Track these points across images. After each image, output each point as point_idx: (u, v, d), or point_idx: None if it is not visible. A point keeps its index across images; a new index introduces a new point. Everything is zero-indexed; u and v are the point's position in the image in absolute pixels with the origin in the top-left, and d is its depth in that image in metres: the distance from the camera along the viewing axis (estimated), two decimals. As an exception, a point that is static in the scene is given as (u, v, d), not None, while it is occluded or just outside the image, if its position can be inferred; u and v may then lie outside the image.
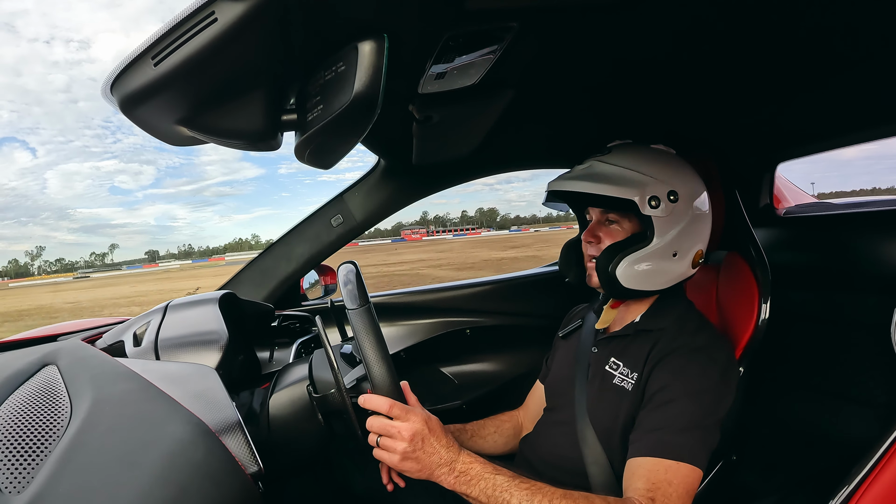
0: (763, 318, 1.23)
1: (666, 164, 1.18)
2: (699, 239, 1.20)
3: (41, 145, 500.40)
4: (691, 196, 1.17)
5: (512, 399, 1.65)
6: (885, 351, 1.13)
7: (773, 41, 1.00)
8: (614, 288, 1.16)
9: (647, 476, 0.98)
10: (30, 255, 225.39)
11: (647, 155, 1.20)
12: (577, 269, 1.32)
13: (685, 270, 1.19)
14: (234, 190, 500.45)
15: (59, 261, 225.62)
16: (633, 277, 1.14)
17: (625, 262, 1.14)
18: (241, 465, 0.79)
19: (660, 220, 1.13)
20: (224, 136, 0.76)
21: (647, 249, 1.14)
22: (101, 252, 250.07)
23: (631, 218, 1.20)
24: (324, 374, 1.15)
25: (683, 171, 1.19)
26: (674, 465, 0.98)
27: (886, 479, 0.82)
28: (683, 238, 1.16)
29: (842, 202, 1.84)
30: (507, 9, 0.77)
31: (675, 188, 1.14)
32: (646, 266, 1.14)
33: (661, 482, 0.96)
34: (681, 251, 1.16)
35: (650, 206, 1.11)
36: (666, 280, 1.18)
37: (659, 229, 1.13)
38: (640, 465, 1.00)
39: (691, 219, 1.17)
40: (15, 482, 0.62)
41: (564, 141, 1.76)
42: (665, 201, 1.13)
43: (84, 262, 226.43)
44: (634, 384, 1.13)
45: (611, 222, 1.23)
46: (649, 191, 1.12)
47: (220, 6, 0.54)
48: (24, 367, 0.93)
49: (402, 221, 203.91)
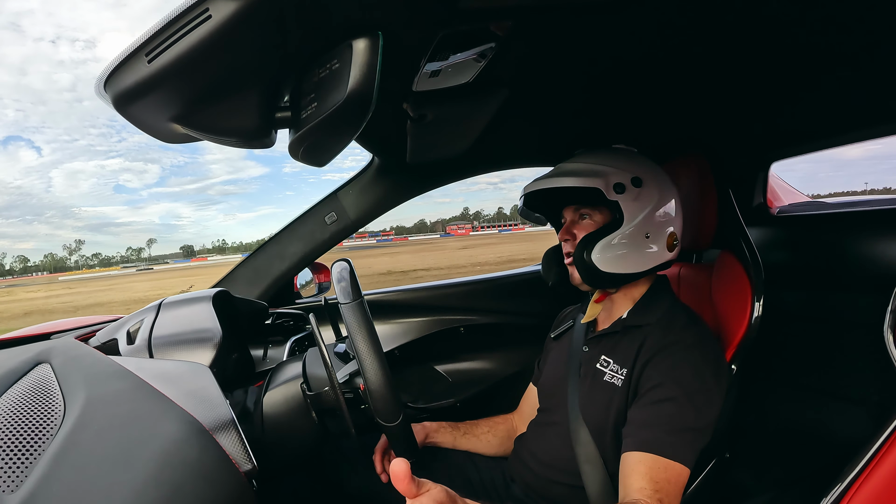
0: (756, 317, 1.23)
1: (627, 157, 1.23)
2: (670, 222, 1.22)
3: (46, 144, 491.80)
4: (656, 181, 1.21)
5: (506, 397, 1.66)
6: (878, 350, 1.13)
7: (765, 40, 1.00)
8: (593, 275, 1.18)
9: (649, 474, 0.98)
10: (68, 248, 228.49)
11: (608, 152, 1.26)
12: (558, 268, 1.34)
13: (662, 253, 1.21)
14: (238, 188, 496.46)
15: (96, 255, 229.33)
16: (609, 261, 1.16)
17: (598, 246, 1.16)
18: (235, 463, 0.79)
19: (627, 203, 1.16)
20: (218, 133, 0.75)
21: (619, 232, 1.17)
22: (137, 247, 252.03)
23: (601, 209, 1.23)
24: (318, 372, 1.15)
25: (644, 162, 1.24)
26: (670, 463, 0.98)
27: (879, 478, 0.82)
28: (653, 220, 1.19)
29: (835, 201, 1.85)
30: (501, 7, 0.77)
31: (638, 174, 1.18)
32: (620, 248, 1.17)
33: (663, 481, 0.97)
34: (653, 233, 1.19)
35: (615, 192, 1.15)
36: (644, 262, 1.19)
37: (628, 212, 1.16)
38: (639, 462, 1.01)
39: (658, 201, 1.20)
40: (8, 481, 0.61)
41: (558, 139, 1.76)
42: (629, 186, 1.17)
43: (120, 256, 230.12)
44: (624, 380, 1.14)
45: (583, 217, 1.26)
46: (613, 178, 1.16)
47: (215, 3, 0.54)
48: (17, 366, 0.93)
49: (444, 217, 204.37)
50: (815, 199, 1.94)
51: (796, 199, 1.95)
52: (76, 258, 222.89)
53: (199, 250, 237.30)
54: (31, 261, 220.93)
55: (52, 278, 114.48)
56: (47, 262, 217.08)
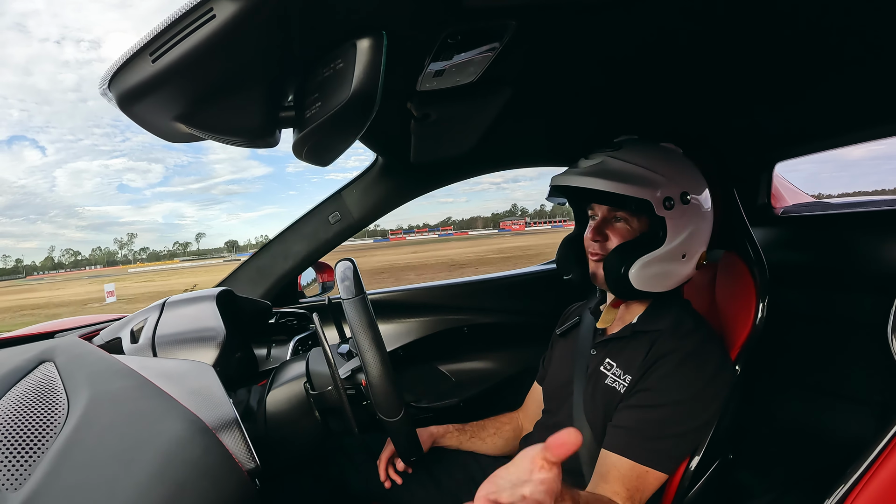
0: (760, 317, 1.23)
1: (677, 164, 1.17)
2: (704, 240, 1.19)
3: (50, 144, 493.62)
4: (701, 197, 1.16)
5: (509, 397, 1.65)
6: (882, 350, 1.13)
7: (770, 40, 0.99)
8: (623, 289, 1.14)
9: (623, 481, 1.02)
10: (118, 242, 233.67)
11: (658, 153, 1.18)
12: (579, 266, 1.28)
13: (690, 272, 1.18)
14: (241, 188, 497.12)
15: (144, 249, 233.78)
16: (644, 279, 1.12)
17: (638, 263, 1.11)
18: (238, 462, 0.79)
19: (673, 222, 1.11)
20: (222, 132, 0.75)
21: (660, 251, 1.12)
22: (183, 241, 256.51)
23: (641, 217, 1.17)
24: (321, 371, 1.15)
25: (692, 172, 1.18)
26: (645, 472, 1.02)
27: (882, 478, 0.82)
28: (693, 240, 1.15)
29: (840, 202, 1.84)
30: (504, 7, 0.77)
31: (687, 189, 1.13)
32: (657, 268, 1.12)
33: (636, 488, 1.01)
34: (689, 253, 1.15)
35: (665, 207, 1.10)
36: (673, 282, 1.17)
37: (672, 231, 1.11)
38: (615, 465, 1.04)
39: (700, 220, 1.16)
40: (12, 479, 0.62)
41: (562, 139, 1.76)
42: (678, 203, 1.11)
43: (168, 251, 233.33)
44: (627, 387, 1.13)
45: (618, 220, 1.19)
46: (664, 191, 1.09)
47: (219, 3, 0.54)
48: (21, 364, 0.93)
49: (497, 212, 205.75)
50: (820, 200, 1.93)
51: (800, 199, 1.94)
52: (125, 252, 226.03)
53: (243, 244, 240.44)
54: (81, 254, 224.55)
55: (121, 270, 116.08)
56: (98, 256, 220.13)
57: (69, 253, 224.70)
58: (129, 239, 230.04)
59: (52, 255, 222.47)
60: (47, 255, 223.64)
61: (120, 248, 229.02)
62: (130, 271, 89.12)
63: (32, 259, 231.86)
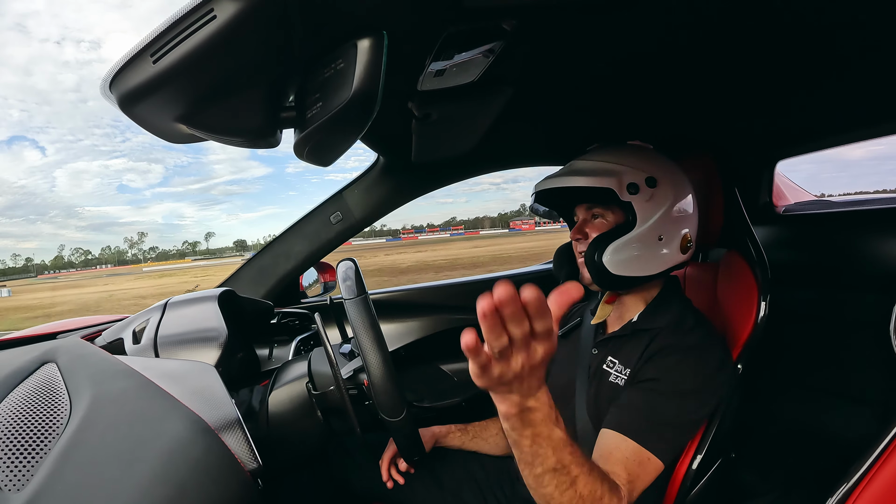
0: (762, 316, 1.23)
1: (642, 155, 1.21)
2: (685, 223, 1.20)
3: (50, 144, 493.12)
4: (671, 181, 1.19)
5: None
6: (884, 349, 1.13)
7: (771, 38, 0.99)
8: (604, 277, 1.16)
9: (626, 463, 0.99)
10: (129, 241, 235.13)
11: (623, 149, 1.23)
12: (569, 267, 1.31)
13: (675, 255, 1.19)
14: (241, 188, 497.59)
15: (153, 249, 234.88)
16: (620, 263, 1.15)
17: (610, 248, 1.14)
18: (241, 462, 0.79)
19: (640, 205, 1.14)
20: (223, 133, 0.75)
21: (631, 234, 1.15)
22: (192, 241, 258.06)
23: (614, 209, 1.21)
24: (323, 371, 1.15)
25: (660, 160, 1.21)
26: (646, 458, 1.00)
27: (884, 478, 0.82)
28: (667, 221, 1.17)
29: (842, 200, 1.84)
30: (505, 6, 0.77)
31: (653, 174, 1.16)
32: (632, 251, 1.15)
33: (637, 476, 0.99)
34: (666, 235, 1.17)
35: (629, 193, 1.14)
36: (656, 265, 1.18)
37: (641, 214, 1.15)
38: (619, 447, 1.02)
39: (673, 201, 1.18)
40: (14, 480, 0.62)
41: (563, 139, 1.75)
42: (643, 187, 1.15)
43: (177, 250, 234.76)
44: (627, 379, 1.14)
45: (595, 217, 1.24)
46: (626, 178, 1.14)
47: (220, 3, 0.54)
48: (23, 365, 0.93)
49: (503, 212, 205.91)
50: (821, 198, 1.93)
51: (802, 197, 1.94)
52: (133, 252, 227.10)
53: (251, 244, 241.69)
54: (92, 254, 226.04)
55: (136, 269, 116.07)
56: (108, 255, 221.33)
57: (78, 252, 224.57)
58: (140, 238, 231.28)
59: (62, 253, 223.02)
60: (56, 254, 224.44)
61: (129, 248, 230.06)
62: (145, 270, 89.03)
63: (41, 258, 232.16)
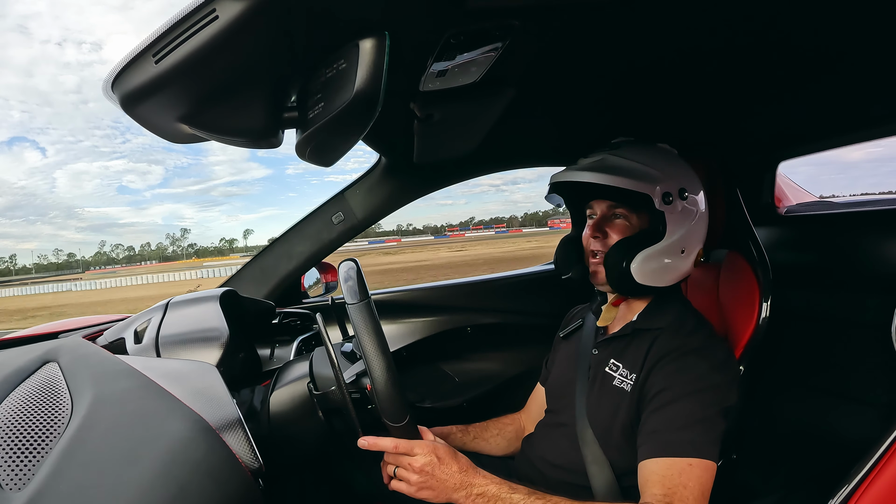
0: (764, 317, 1.23)
1: (673, 163, 1.19)
2: (701, 238, 1.20)
3: (51, 145, 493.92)
4: (697, 195, 1.18)
5: (513, 397, 1.65)
6: (886, 350, 1.13)
7: (773, 40, 0.99)
8: (626, 283, 1.15)
9: (662, 481, 0.98)
10: (171, 238, 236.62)
11: (656, 152, 1.20)
12: (579, 265, 1.29)
13: (689, 268, 1.19)
14: (241, 190, 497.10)
15: (192, 246, 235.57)
16: (646, 273, 1.13)
17: (640, 256, 1.13)
18: (242, 462, 0.79)
19: (673, 216, 1.13)
20: (225, 133, 0.75)
21: (660, 245, 1.13)
22: (229, 238, 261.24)
23: (641, 213, 1.19)
24: (324, 371, 1.15)
25: (688, 171, 1.20)
26: (686, 466, 0.98)
27: (887, 479, 0.82)
28: (691, 236, 1.16)
29: (843, 201, 1.84)
30: (507, 7, 0.77)
31: (685, 186, 1.15)
32: (659, 262, 1.14)
33: (677, 486, 0.96)
34: (688, 248, 1.16)
35: (664, 202, 1.11)
36: (673, 277, 1.17)
37: (671, 225, 1.13)
38: (654, 469, 1.00)
39: (697, 215, 1.17)
40: (16, 479, 0.62)
41: (564, 140, 1.75)
42: (677, 198, 1.13)
43: (214, 247, 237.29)
44: (633, 385, 1.13)
45: (617, 217, 1.21)
46: (663, 187, 1.12)
47: (222, 4, 0.54)
48: (25, 365, 0.93)
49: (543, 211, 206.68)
50: (823, 199, 1.92)
51: (804, 198, 1.94)
52: (174, 248, 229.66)
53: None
54: (135, 250, 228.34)
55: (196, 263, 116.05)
56: (151, 251, 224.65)
57: (120, 248, 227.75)
58: (183, 234, 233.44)
59: (103, 249, 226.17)
60: (97, 249, 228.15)
61: (171, 244, 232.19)
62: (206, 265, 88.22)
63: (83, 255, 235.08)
